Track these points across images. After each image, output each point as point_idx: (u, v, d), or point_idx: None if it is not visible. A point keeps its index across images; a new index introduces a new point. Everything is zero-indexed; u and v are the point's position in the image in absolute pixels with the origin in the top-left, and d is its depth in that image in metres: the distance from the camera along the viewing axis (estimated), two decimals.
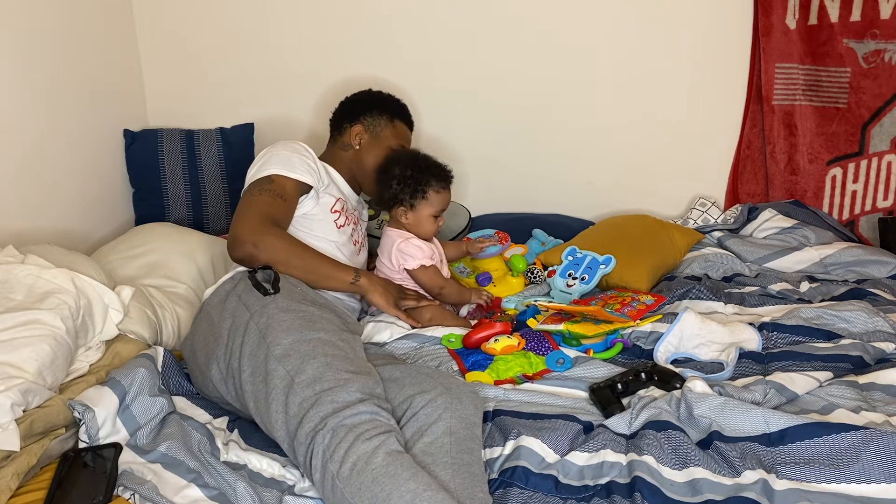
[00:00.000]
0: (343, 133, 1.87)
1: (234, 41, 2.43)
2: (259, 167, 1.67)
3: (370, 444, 1.14)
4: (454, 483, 1.13)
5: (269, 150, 1.71)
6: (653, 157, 2.37)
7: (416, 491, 1.07)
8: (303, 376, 1.27)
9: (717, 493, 1.15)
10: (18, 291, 1.44)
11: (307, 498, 1.20)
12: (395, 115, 1.90)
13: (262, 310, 1.42)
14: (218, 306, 1.51)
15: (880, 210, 2.23)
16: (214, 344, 1.44)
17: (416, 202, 1.76)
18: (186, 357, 1.56)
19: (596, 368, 1.52)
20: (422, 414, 1.26)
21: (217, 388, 1.43)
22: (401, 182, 1.75)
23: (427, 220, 1.78)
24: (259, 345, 1.36)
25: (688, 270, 2.02)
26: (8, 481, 1.17)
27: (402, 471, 1.10)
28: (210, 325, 1.49)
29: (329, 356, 1.32)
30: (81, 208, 2.16)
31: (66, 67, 2.08)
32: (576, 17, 2.26)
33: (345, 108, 1.91)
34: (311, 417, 1.21)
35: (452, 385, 1.33)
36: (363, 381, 1.28)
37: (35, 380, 1.29)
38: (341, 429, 1.17)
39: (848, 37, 2.11)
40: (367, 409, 1.20)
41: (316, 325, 1.39)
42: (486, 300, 1.84)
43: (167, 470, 1.26)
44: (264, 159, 1.68)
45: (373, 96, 1.93)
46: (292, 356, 1.31)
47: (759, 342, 1.57)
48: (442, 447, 1.20)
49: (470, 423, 1.26)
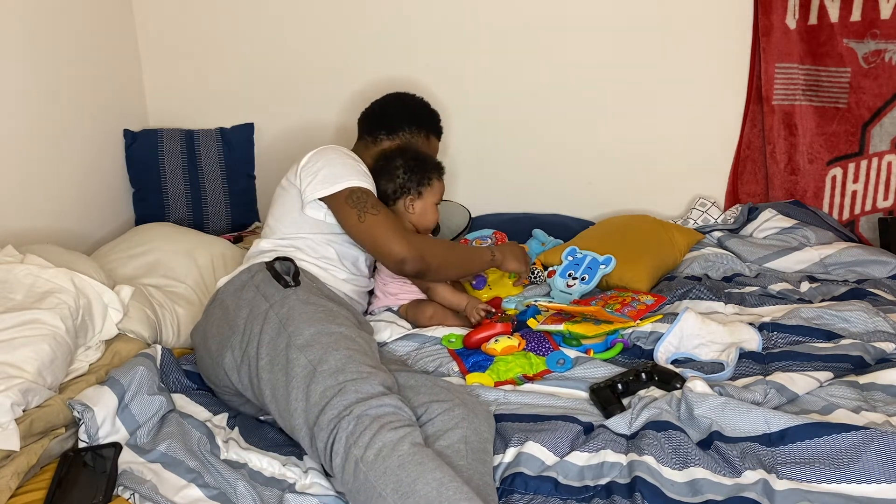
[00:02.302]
0: (378, 142, 1.85)
1: (235, 41, 2.43)
2: (337, 178, 1.61)
3: (396, 433, 1.14)
4: (472, 484, 1.13)
5: (332, 157, 1.65)
6: (653, 158, 2.37)
7: (441, 480, 1.07)
8: (325, 366, 1.28)
9: (718, 494, 1.15)
10: (18, 291, 1.44)
11: (308, 496, 1.20)
12: (431, 131, 1.91)
13: (282, 300, 1.42)
14: (234, 295, 1.49)
15: (880, 210, 2.22)
16: (230, 332, 1.44)
17: (423, 189, 1.76)
18: (196, 344, 1.56)
19: (596, 369, 1.52)
20: (438, 420, 1.27)
21: (228, 375, 1.43)
22: (407, 171, 1.75)
23: (432, 208, 1.79)
24: (279, 334, 1.36)
25: (688, 270, 2.01)
26: (8, 481, 1.17)
27: (427, 460, 1.10)
28: (225, 314, 1.48)
29: (351, 350, 1.32)
30: (81, 208, 2.16)
31: (67, 67, 2.08)
32: (576, 17, 2.26)
33: (379, 116, 1.87)
34: (334, 405, 1.21)
35: (469, 400, 1.34)
36: (384, 377, 1.29)
37: (35, 379, 1.29)
38: (366, 417, 1.17)
39: (848, 37, 2.11)
40: (391, 402, 1.21)
41: (336, 320, 1.40)
42: (479, 318, 1.73)
43: (167, 469, 1.26)
44: (337, 169, 1.62)
45: (409, 107, 1.90)
46: (314, 346, 1.31)
47: (760, 342, 1.56)
48: (458, 451, 1.20)
49: (483, 438, 1.27)
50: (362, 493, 1.12)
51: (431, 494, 1.06)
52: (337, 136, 2.44)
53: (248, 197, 2.45)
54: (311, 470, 1.27)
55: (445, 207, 2.35)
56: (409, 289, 1.81)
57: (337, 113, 2.43)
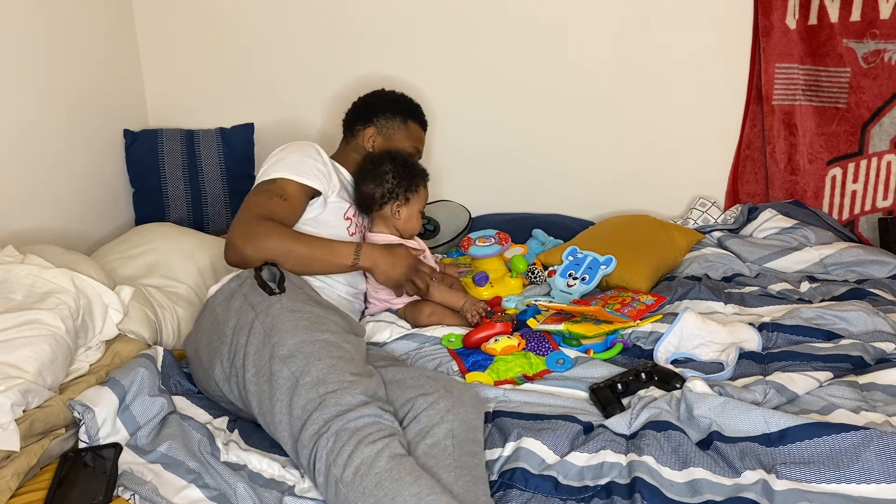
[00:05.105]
0: (356, 135, 1.86)
1: (235, 41, 2.43)
2: (266, 169, 1.65)
3: (373, 447, 1.14)
4: (457, 486, 1.13)
5: (279, 153, 1.68)
6: (653, 157, 2.37)
7: (419, 495, 1.07)
8: (307, 378, 1.27)
9: (717, 494, 1.15)
10: (18, 291, 1.44)
11: (307, 499, 1.20)
12: (409, 116, 1.89)
13: (267, 309, 1.41)
14: (223, 304, 1.49)
15: (880, 210, 2.23)
16: (219, 342, 1.44)
17: (410, 196, 1.76)
18: (189, 355, 1.56)
19: (596, 368, 1.52)
20: (423, 416, 1.26)
21: (220, 386, 1.43)
22: (396, 177, 1.74)
23: (417, 214, 1.79)
24: (264, 344, 1.35)
25: (688, 270, 2.02)
26: (8, 481, 1.17)
27: (405, 475, 1.10)
28: (214, 324, 1.48)
29: (334, 358, 1.32)
30: (81, 208, 2.16)
31: (67, 68, 2.08)
32: (576, 17, 2.26)
33: (358, 109, 1.90)
34: (314, 420, 1.21)
35: (454, 388, 1.33)
36: (367, 384, 1.28)
37: (35, 380, 1.29)
38: (344, 432, 1.17)
39: (848, 37, 2.11)
40: (370, 413, 1.20)
41: (321, 326, 1.39)
42: (478, 317, 1.73)
43: (167, 470, 1.26)
44: (272, 161, 1.66)
45: (386, 97, 1.91)
46: (297, 357, 1.31)
47: (759, 342, 1.57)
48: (444, 449, 1.20)
49: (472, 426, 1.26)
50: None
51: None
52: (337, 136, 2.43)
53: None
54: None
55: (446, 207, 2.36)
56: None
57: (337, 113, 2.41)
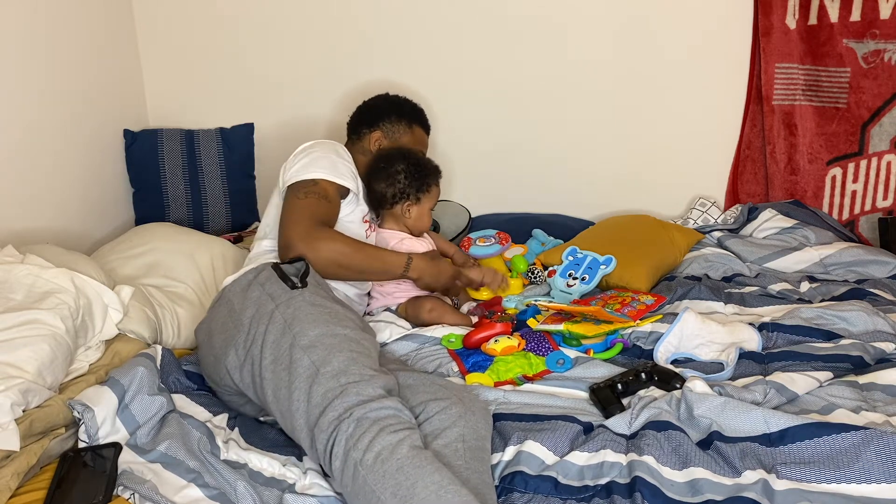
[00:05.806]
0: (362, 138, 1.87)
1: (235, 41, 2.43)
2: (301, 168, 1.63)
3: (395, 436, 1.14)
4: (470, 484, 1.14)
5: (311, 151, 1.67)
6: (653, 157, 2.37)
7: (440, 483, 1.07)
8: (328, 367, 1.27)
9: (718, 494, 1.15)
10: (18, 291, 1.44)
11: (308, 496, 1.20)
12: (414, 120, 1.91)
13: (288, 301, 1.41)
14: (240, 294, 1.49)
15: (880, 210, 2.23)
16: (235, 330, 1.43)
17: (421, 196, 1.78)
18: (200, 342, 1.55)
19: (596, 369, 1.52)
20: (436, 419, 1.27)
21: (231, 374, 1.42)
22: (408, 177, 1.75)
23: (427, 213, 1.81)
24: (284, 334, 1.35)
25: (688, 270, 2.02)
26: (8, 481, 1.17)
27: (426, 464, 1.11)
28: (230, 312, 1.48)
29: (354, 352, 1.32)
30: (81, 208, 2.16)
31: (67, 67, 2.09)
32: (576, 18, 2.26)
33: (363, 113, 1.91)
34: (335, 406, 1.21)
35: (466, 397, 1.34)
36: (386, 380, 1.29)
37: (35, 380, 1.29)
38: (366, 420, 1.17)
39: (848, 37, 2.11)
40: (391, 405, 1.21)
41: (342, 322, 1.39)
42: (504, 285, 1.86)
43: (167, 469, 1.26)
44: (307, 160, 1.65)
45: (390, 101, 1.92)
46: (318, 347, 1.31)
47: (759, 342, 1.57)
48: (456, 451, 1.21)
49: (480, 436, 1.27)
50: (361, 496, 1.12)
51: (430, 498, 1.06)
52: (336, 136, 2.43)
53: (248, 197, 2.45)
54: (310, 471, 1.27)
55: (446, 207, 2.36)
56: (404, 286, 1.81)
57: (337, 113, 2.43)
